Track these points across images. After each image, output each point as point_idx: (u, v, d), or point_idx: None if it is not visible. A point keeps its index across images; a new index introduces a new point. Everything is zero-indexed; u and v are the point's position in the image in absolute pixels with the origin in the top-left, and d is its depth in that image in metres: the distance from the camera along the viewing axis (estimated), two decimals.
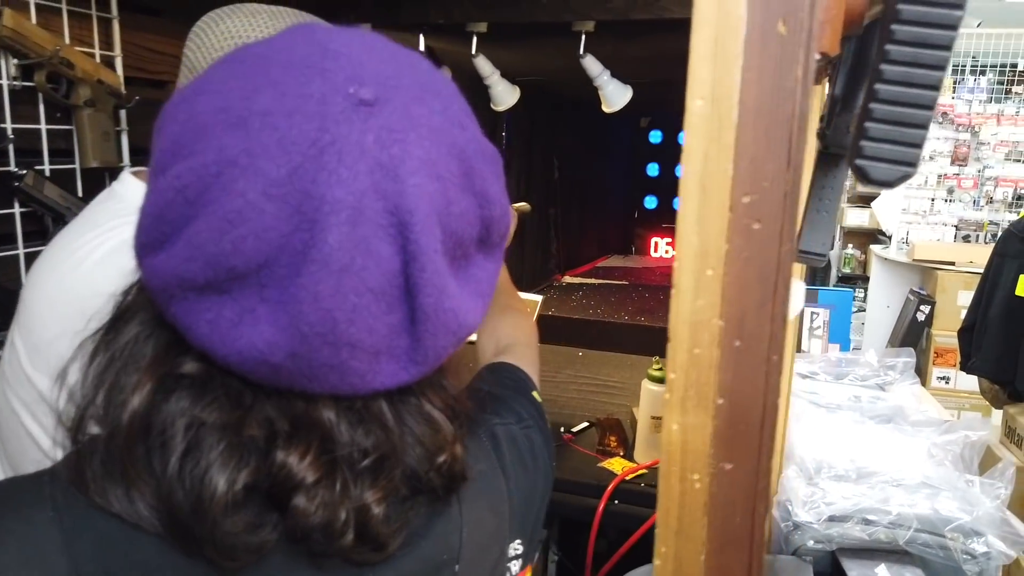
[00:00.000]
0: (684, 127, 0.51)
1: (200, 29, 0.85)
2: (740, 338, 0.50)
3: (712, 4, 0.48)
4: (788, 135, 0.47)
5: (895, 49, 0.41)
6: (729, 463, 0.52)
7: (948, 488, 1.39)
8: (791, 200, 0.48)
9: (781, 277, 0.49)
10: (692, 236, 0.50)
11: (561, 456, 1.77)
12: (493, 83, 1.55)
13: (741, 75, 0.48)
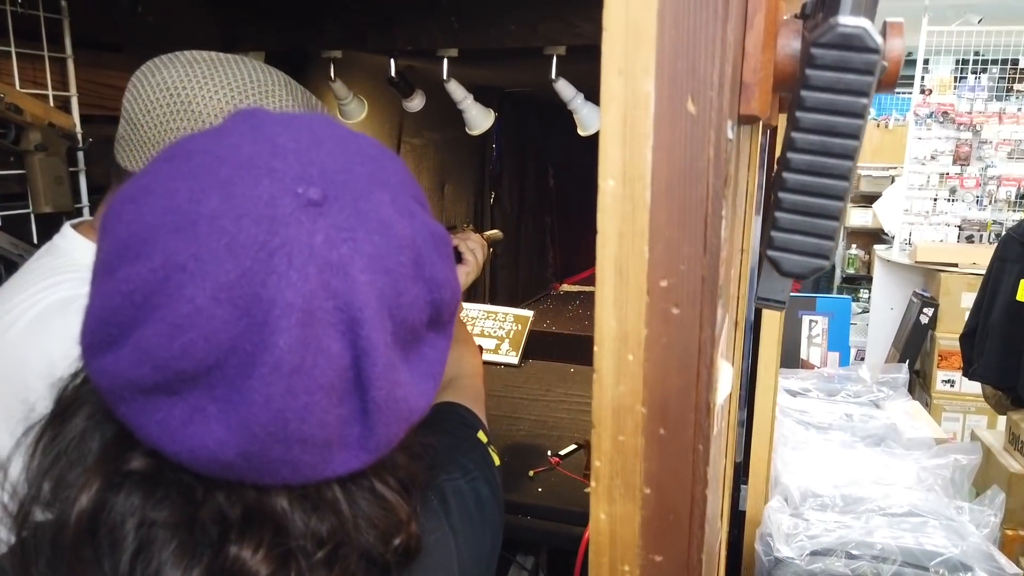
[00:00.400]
0: (598, 208, 0.48)
1: (137, 80, 0.83)
2: (664, 426, 0.48)
3: (620, 81, 0.45)
4: (703, 218, 0.45)
5: (800, 137, 0.38)
6: (659, 555, 0.49)
7: (936, 517, 1.36)
8: (710, 284, 0.45)
9: (703, 363, 0.46)
10: (611, 320, 0.48)
11: (548, 481, 1.74)
12: (467, 107, 1.53)
13: (652, 155, 0.45)
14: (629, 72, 0.45)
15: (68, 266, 0.79)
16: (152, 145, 0.80)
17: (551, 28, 1.33)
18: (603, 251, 0.48)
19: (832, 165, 0.38)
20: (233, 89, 0.82)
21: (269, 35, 1.49)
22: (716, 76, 0.43)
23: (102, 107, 1.25)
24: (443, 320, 0.55)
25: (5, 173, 1.09)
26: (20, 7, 1.05)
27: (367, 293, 0.46)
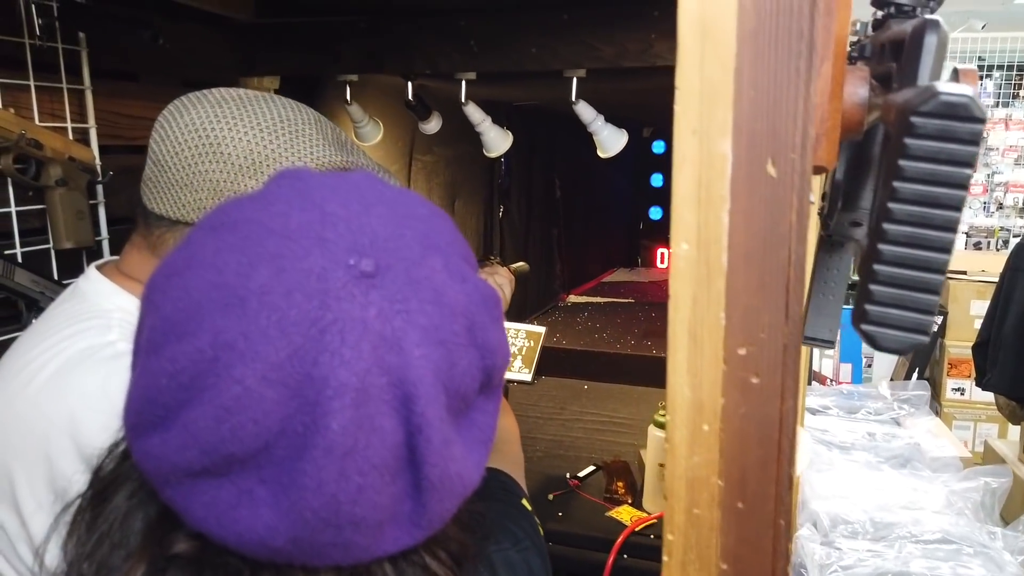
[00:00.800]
0: (670, 271, 0.46)
1: (164, 120, 0.80)
2: (743, 499, 0.46)
3: (694, 142, 0.43)
4: (784, 284, 0.43)
5: (899, 208, 0.36)
6: None
7: (970, 544, 1.33)
8: (792, 353, 0.43)
9: (785, 435, 0.44)
10: (684, 388, 0.46)
11: (568, 505, 1.72)
12: (484, 130, 1.51)
13: (729, 219, 0.43)
14: (704, 133, 0.43)
15: (91, 312, 0.77)
16: (180, 188, 0.78)
17: (572, 51, 1.32)
18: (676, 316, 0.45)
19: (933, 237, 0.36)
20: (263, 130, 0.80)
21: (286, 60, 1.47)
22: (799, 137, 0.41)
23: (120, 136, 1.24)
24: (493, 384, 0.53)
25: (25, 208, 1.07)
26: (39, 40, 1.04)
27: (422, 367, 0.45)
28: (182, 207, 0.78)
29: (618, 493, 1.78)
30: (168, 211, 0.79)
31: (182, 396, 0.43)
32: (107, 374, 0.70)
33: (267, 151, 0.80)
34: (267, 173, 0.80)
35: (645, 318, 3.72)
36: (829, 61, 0.50)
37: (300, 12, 1.49)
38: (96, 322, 0.75)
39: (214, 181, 0.78)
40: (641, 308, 4.01)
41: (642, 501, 1.73)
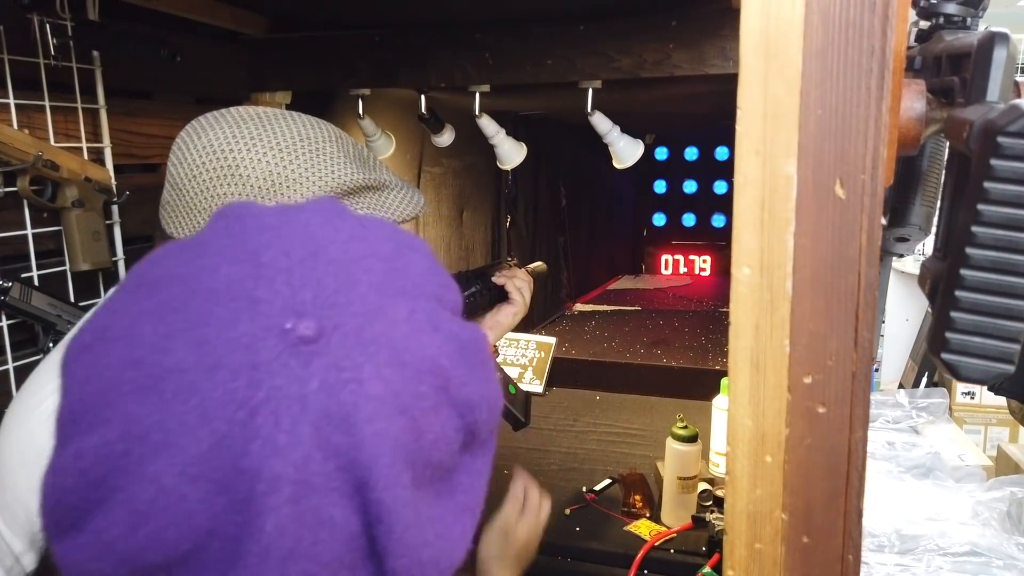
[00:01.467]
0: (731, 296, 0.44)
1: (181, 142, 0.78)
2: (808, 534, 0.44)
3: (757, 163, 0.42)
4: (854, 310, 0.41)
5: (983, 232, 0.34)
6: None
7: (999, 556, 1.31)
8: (861, 382, 0.42)
9: (854, 467, 0.43)
10: (746, 418, 0.44)
11: (585, 520, 1.69)
12: (499, 142, 1.50)
13: (794, 242, 0.42)
14: (768, 154, 0.41)
15: None
16: (199, 212, 0.76)
17: (589, 63, 1.30)
18: (737, 343, 0.44)
19: (1019, 262, 0.35)
20: (282, 150, 0.78)
21: (299, 75, 1.46)
22: (869, 159, 0.40)
23: (134, 156, 1.22)
24: (480, 439, 0.46)
25: (40, 230, 1.06)
26: (54, 60, 1.02)
27: (378, 445, 0.38)
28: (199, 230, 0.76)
29: (636, 507, 1.75)
30: (187, 235, 0.77)
31: (92, 497, 0.37)
32: None
33: (286, 172, 0.78)
34: (287, 194, 0.78)
35: (653, 326, 3.70)
36: (889, 75, 0.48)
37: (312, 27, 1.48)
38: None
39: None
40: (648, 316, 3.99)
41: (660, 515, 1.70)
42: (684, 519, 1.65)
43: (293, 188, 0.78)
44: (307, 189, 0.79)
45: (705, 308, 4.34)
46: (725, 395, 1.80)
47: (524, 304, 1.21)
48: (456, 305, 0.47)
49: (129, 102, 1.21)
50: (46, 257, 1.07)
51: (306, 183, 0.79)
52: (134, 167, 1.22)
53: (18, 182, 0.98)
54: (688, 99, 2.07)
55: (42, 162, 0.98)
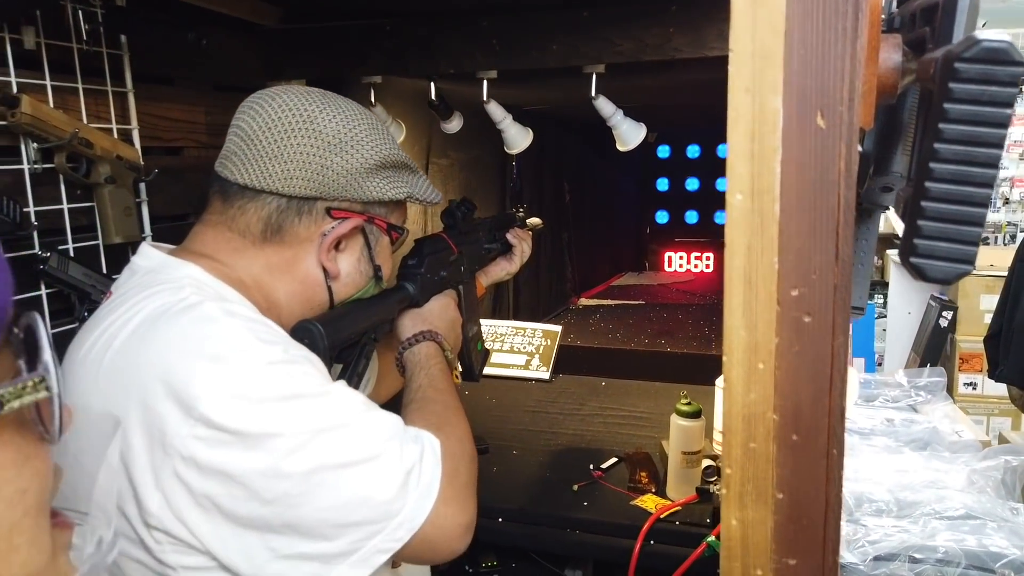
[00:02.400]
0: (726, 221, 0.50)
1: (255, 103, 0.86)
2: (797, 432, 0.49)
3: (747, 99, 0.47)
4: (835, 228, 0.46)
5: (944, 148, 0.40)
6: (792, 559, 0.50)
7: (993, 519, 1.36)
8: (842, 292, 0.47)
9: (836, 369, 0.48)
10: (740, 330, 0.49)
11: (592, 495, 1.74)
12: (506, 127, 1.55)
13: (781, 169, 0.47)
14: (756, 90, 0.47)
15: (159, 280, 0.80)
16: (269, 159, 0.83)
17: (593, 47, 1.36)
18: (731, 263, 0.49)
19: (977, 174, 0.40)
20: (351, 116, 0.87)
21: (312, 64, 1.51)
22: (846, 91, 0.45)
23: (159, 139, 1.28)
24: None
25: (74, 206, 1.12)
26: (85, 45, 1.08)
27: None
28: (268, 177, 0.83)
29: (642, 483, 1.80)
30: (253, 181, 0.83)
31: None
32: (186, 322, 0.73)
33: (354, 132, 0.86)
34: (351, 153, 0.86)
35: (657, 319, 3.75)
36: (866, 28, 0.54)
37: (325, 17, 1.54)
38: (167, 286, 0.79)
39: (304, 154, 0.83)
40: (652, 309, 4.04)
41: (666, 490, 1.75)
42: (689, 493, 1.69)
43: (355, 148, 0.86)
44: (365, 152, 0.87)
45: (708, 301, 4.39)
46: None
47: (519, 266, 1.31)
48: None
49: (154, 87, 1.27)
50: (79, 232, 1.13)
51: (365, 147, 0.87)
52: (159, 149, 1.28)
53: (55, 158, 1.04)
54: (689, 89, 2.12)
55: (78, 140, 1.03)
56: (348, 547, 0.74)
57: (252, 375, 0.71)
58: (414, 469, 0.78)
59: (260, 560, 0.72)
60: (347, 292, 0.93)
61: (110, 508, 0.73)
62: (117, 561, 0.74)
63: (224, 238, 0.85)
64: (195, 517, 0.71)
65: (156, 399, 0.70)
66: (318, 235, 0.87)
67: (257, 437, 0.70)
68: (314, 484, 0.72)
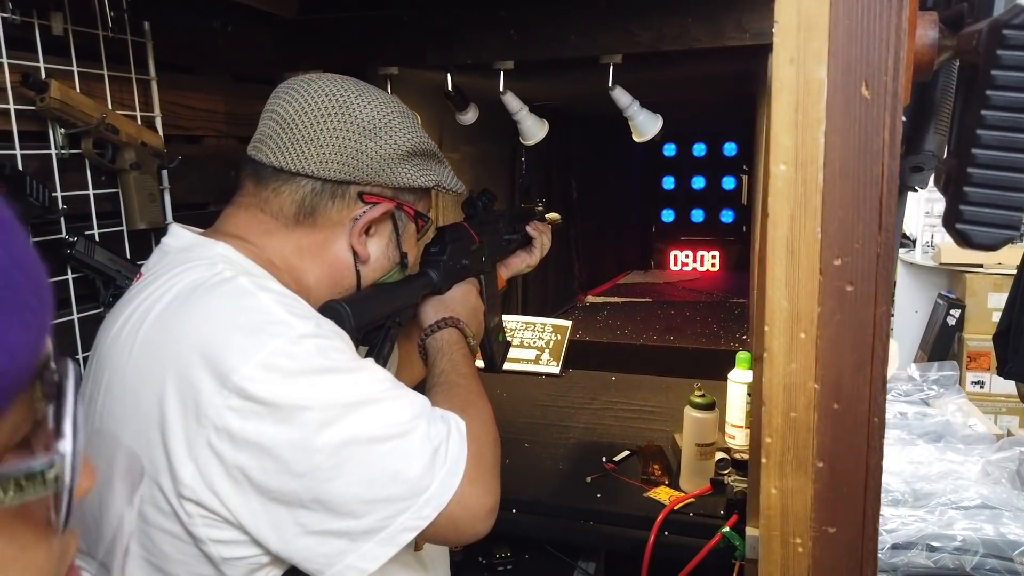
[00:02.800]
0: (768, 192, 0.50)
1: (291, 88, 0.87)
2: (838, 401, 0.50)
3: (791, 70, 0.47)
4: (878, 197, 0.47)
5: (991, 115, 0.40)
6: (832, 527, 0.51)
7: (1009, 509, 1.36)
8: (885, 261, 0.48)
9: (879, 338, 0.48)
10: (782, 300, 0.50)
11: (605, 487, 1.75)
12: (522, 118, 1.56)
13: (825, 139, 0.47)
14: (801, 61, 0.47)
15: (192, 258, 0.81)
16: (305, 143, 0.84)
17: (611, 37, 1.36)
18: (774, 233, 0.50)
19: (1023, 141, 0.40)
20: (384, 103, 0.88)
21: (329, 55, 1.52)
22: (891, 61, 0.46)
23: (180, 127, 1.29)
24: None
25: (100, 191, 1.12)
26: (111, 32, 1.09)
27: None
28: (303, 160, 0.84)
29: (655, 475, 1.80)
30: (288, 164, 0.84)
31: None
32: (221, 295, 0.74)
33: (388, 119, 0.87)
34: (384, 139, 0.87)
35: (664, 316, 3.75)
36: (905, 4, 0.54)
37: (342, 8, 1.54)
38: (200, 263, 0.80)
39: (340, 139, 0.84)
40: (659, 307, 4.04)
41: (679, 482, 1.76)
42: (702, 485, 1.70)
43: (388, 134, 0.87)
44: (398, 138, 0.88)
45: (715, 299, 4.39)
46: (741, 369, 1.85)
47: (539, 258, 1.31)
48: None
49: (176, 76, 1.28)
50: (104, 218, 1.13)
51: (398, 133, 0.88)
52: (179, 138, 1.29)
53: (82, 144, 1.05)
54: (702, 82, 2.12)
55: (104, 125, 1.04)
56: (376, 524, 0.74)
57: (286, 348, 0.72)
58: (441, 447, 0.79)
59: (289, 535, 0.73)
60: (374, 277, 0.94)
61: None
62: (150, 534, 0.75)
63: (256, 220, 0.86)
64: (226, 489, 0.71)
65: (191, 370, 0.71)
66: (349, 219, 0.88)
67: (290, 410, 0.70)
68: (344, 458, 0.72)
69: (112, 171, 1.11)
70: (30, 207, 0.96)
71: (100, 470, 0.76)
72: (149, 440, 0.73)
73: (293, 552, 0.74)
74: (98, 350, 0.82)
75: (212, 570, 0.75)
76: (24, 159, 1.01)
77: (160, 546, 0.75)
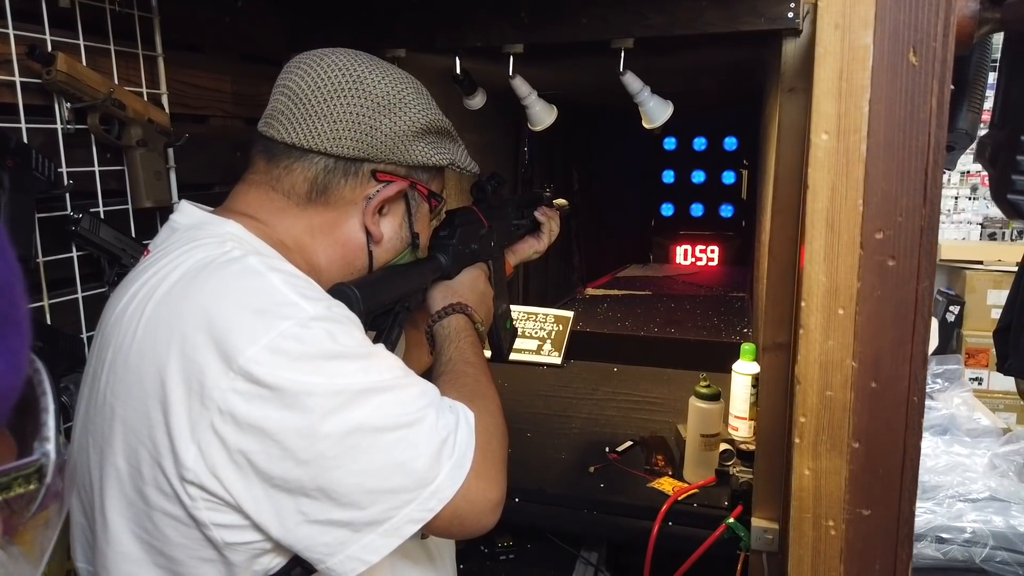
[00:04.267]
0: (809, 162, 0.49)
1: (303, 63, 0.85)
2: (876, 380, 0.48)
3: (836, 35, 0.46)
4: (924, 168, 0.46)
5: None
6: (867, 509, 0.50)
7: (1017, 501, 1.35)
8: (928, 235, 0.46)
9: (920, 315, 0.47)
10: (820, 274, 0.48)
11: (609, 477, 1.74)
12: (531, 103, 1.54)
13: (869, 108, 0.46)
14: (847, 26, 0.46)
15: (201, 235, 0.79)
16: (318, 119, 0.82)
17: (622, 20, 1.35)
18: (813, 205, 0.48)
19: None
20: (399, 79, 0.87)
21: (336, 37, 1.49)
22: (940, 27, 0.44)
23: (186, 105, 1.27)
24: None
25: (105, 168, 1.10)
26: (118, 6, 1.07)
27: None
28: (316, 136, 0.82)
29: (658, 465, 1.80)
30: (301, 140, 0.82)
31: None
32: (230, 274, 0.73)
33: (403, 95, 0.86)
34: (399, 115, 0.85)
35: (664, 309, 3.74)
36: None
37: None
38: (209, 241, 0.78)
39: (353, 114, 0.82)
40: (659, 300, 4.03)
41: (683, 472, 1.75)
42: (706, 476, 1.69)
43: (403, 110, 0.85)
44: (412, 114, 0.86)
45: (715, 293, 4.38)
46: (745, 360, 1.84)
47: (548, 244, 1.29)
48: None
49: (183, 53, 1.25)
50: (108, 196, 1.11)
51: (413, 109, 0.86)
52: (185, 117, 1.27)
53: (88, 119, 1.03)
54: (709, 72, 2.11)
55: (111, 101, 1.02)
56: (379, 515, 0.73)
57: (294, 331, 0.70)
58: (449, 438, 0.77)
59: (290, 523, 0.71)
60: (386, 258, 0.92)
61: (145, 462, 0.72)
62: (152, 517, 0.73)
63: (268, 198, 0.84)
64: (229, 473, 0.70)
65: (197, 350, 0.69)
66: (363, 198, 0.86)
67: (296, 395, 0.69)
68: (350, 447, 0.71)
69: (118, 148, 1.09)
70: (36, 182, 0.94)
71: (102, 448, 0.75)
72: (151, 420, 0.71)
73: (294, 540, 0.72)
74: (103, 327, 0.80)
75: (215, 554, 0.73)
76: (29, 133, 0.99)
77: (162, 529, 0.73)
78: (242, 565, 0.74)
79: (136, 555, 0.75)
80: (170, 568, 0.74)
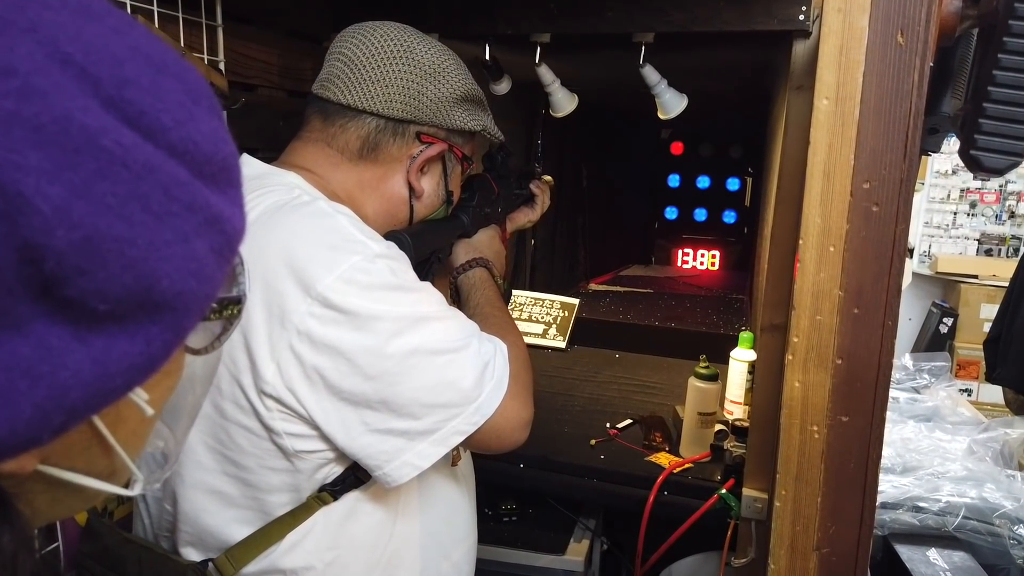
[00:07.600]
0: (811, 123, 0.59)
1: (359, 32, 0.95)
2: (858, 306, 0.58)
3: (839, 18, 0.56)
4: (905, 129, 0.55)
5: (1007, 58, 0.48)
6: (845, 416, 0.59)
7: (991, 480, 1.45)
8: (907, 186, 0.56)
9: (897, 252, 0.57)
10: (816, 217, 0.58)
11: (609, 450, 1.83)
12: (553, 91, 1.64)
13: (863, 79, 0.56)
14: (847, 11, 0.56)
15: (263, 184, 0.88)
16: (371, 83, 0.92)
17: (645, 15, 1.44)
18: (813, 159, 0.58)
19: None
20: (442, 51, 0.97)
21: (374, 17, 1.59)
22: (924, 13, 0.54)
23: (239, 74, 1.36)
24: (67, 293, 0.30)
25: None
26: None
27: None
28: (370, 98, 0.91)
29: (656, 442, 1.90)
30: (356, 101, 0.92)
31: None
32: (304, 215, 0.82)
33: (446, 64, 0.96)
34: (443, 83, 0.95)
35: (665, 305, 3.83)
36: None
37: None
38: (278, 187, 0.87)
39: (403, 80, 0.92)
40: (661, 297, 4.12)
41: (679, 449, 1.84)
42: (701, 453, 1.79)
43: (446, 79, 0.95)
44: (454, 82, 0.96)
45: (715, 294, 4.48)
46: (743, 348, 1.94)
47: (539, 215, 1.39)
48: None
49: (237, 25, 1.35)
50: None
51: (454, 78, 0.97)
52: (237, 85, 1.36)
53: None
54: (721, 72, 2.20)
55: None
56: (432, 426, 0.83)
57: (363, 265, 0.80)
58: (489, 364, 0.87)
59: (355, 432, 0.81)
60: (424, 212, 1.02)
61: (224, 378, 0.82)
62: (227, 429, 0.83)
63: (323, 154, 0.94)
64: (303, 388, 0.79)
65: (278, 279, 0.79)
66: (407, 156, 0.96)
67: (366, 318, 0.79)
68: (410, 366, 0.81)
69: None
70: None
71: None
72: (232, 342, 0.81)
73: (357, 448, 0.82)
74: None
75: (284, 463, 0.83)
76: None
77: (236, 440, 0.83)
78: (306, 473, 0.83)
79: (209, 464, 0.85)
80: (239, 476, 0.84)
